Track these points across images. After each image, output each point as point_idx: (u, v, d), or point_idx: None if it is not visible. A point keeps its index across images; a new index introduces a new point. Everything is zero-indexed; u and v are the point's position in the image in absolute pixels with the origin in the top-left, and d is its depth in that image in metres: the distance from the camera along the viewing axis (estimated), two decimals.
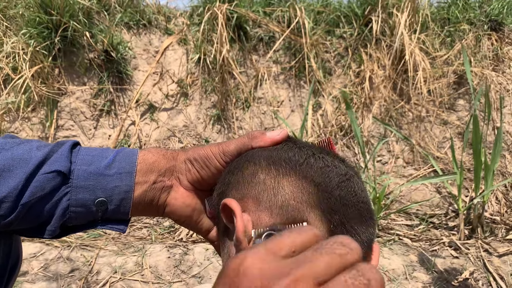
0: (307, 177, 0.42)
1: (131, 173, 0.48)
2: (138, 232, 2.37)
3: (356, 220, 0.42)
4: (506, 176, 2.81)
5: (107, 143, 2.77)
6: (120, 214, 0.49)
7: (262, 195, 0.42)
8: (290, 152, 0.44)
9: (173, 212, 0.52)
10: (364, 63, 3.10)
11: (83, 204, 0.47)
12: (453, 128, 3.04)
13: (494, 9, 3.29)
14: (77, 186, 0.46)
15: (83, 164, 0.47)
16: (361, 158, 2.87)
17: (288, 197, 0.41)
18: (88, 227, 0.49)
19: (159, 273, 2.00)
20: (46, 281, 1.91)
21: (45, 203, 0.45)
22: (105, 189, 0.47)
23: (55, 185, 0.45)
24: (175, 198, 0.51)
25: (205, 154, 0.50)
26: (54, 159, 0.46)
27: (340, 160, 0.46)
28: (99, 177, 0.47)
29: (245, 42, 3.12)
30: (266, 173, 0.43)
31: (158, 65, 2.99)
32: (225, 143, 0.51)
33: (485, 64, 3.13)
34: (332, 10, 3.31)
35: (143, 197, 0.49)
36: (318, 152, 0.45)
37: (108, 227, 0.49)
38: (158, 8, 3.18)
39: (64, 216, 0.46)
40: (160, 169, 0.50)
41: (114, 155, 0.49)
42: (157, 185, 0.50)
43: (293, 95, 3.12)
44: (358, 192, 0.43)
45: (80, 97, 2.81)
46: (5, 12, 2.82)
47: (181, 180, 0.52)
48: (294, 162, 0.43)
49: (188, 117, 2.95)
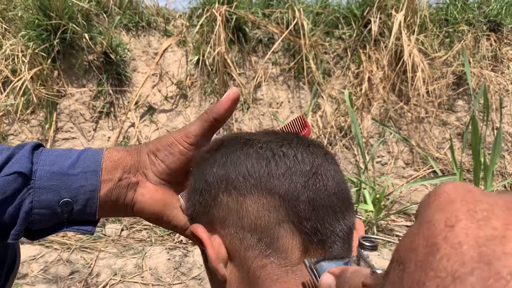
0: (271, 190, 0.39)
1: (97, 171, 0.46)
2: (137, 234, 2.37)
3: (330, 218, 0.40)
4: (505, 177, 2.81)
5: (106, 145, 2.77)
6: (86, 214, 0.47)
7: (228, 219, 0.41)
8: (248, 162, 0.41)
9: (142, 209, 0.49)
10: (363, 64, 3.10)
11: (47, 205, 0.45)
12: (453, 128, 3.04)
13: (493, 9, 3.29)
14: (40, 187, 0.44)
15: (45, 165, 0.45)
16: (360, 159, 2.87)
17: (254, 218, 0.39)
18: (54, 231, 0.47)
19: (159, 275, 2.00)
20: (46, 283, 1.91)
21: (7, 206, 0.43)
22: (69, 189, 0.45)
23: (16, 187, 0.43)
24: (142, 194, 0.49)
25: (167, 142, 0.48)
26: (14, 161, 0.44)
27: (305, 148, 0.42)
28: (63, 177, 0.45)
29: (244, 44, 3.12)
30: (227, 196, 0.41)
31: (157, 66, 3.00)
32: (186, 126, 0.48)
33: (484, 65, 3.13)
34: (331, 11, 3.31)
35: (109, 196, 0.47)
36: (278, 147, 0.42)
37: (74, 229, 0.47)
38: (157, 9, 3.19)
39: (27, 219, 0.44)
40: (125, 165, 0.48)
41: (78, 154, 0.47)
42: (122, 183, 0.48)
43: (292, 96, 3.12)
44: (328, 184, 0.40)
45: (79, 99, 2.81)
46: (4, 14, 2.82)
47: (147, 175, 0.49)
48: (254, 176, 0.40)
49: (188, 118, 2.95)
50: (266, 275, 0.39)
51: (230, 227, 0.40)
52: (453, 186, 0.21)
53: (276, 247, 0.39)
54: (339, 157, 2.91)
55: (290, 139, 0.43)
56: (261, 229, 0.39)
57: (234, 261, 0.41)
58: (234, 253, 0.40)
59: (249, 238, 0.39)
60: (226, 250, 0.41)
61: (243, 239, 0.40)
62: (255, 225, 0.39)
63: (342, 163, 2.85)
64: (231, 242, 0.40)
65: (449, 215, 0.20)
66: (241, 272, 0.40)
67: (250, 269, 0.39)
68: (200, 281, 1.98)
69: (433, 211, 0.21)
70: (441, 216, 0.20)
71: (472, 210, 0.20)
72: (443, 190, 0.21)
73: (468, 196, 0.20)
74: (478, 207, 0.19)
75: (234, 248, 0.40)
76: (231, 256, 0.41)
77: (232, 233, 0.40)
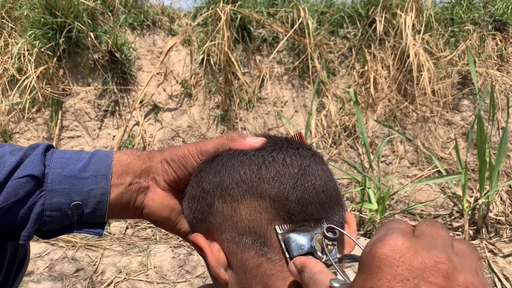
0: (262, 194, 0.42)
1: (107, 175, 0.48)
2: (142, 232, 2.38)
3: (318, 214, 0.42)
4: (511, 177, 2.80)
5: (111, 143, 2.78)
6: (96, 217, 0.48)
7: (223, 225, 0.43)
8: (241, 169, 0.44)
9: (151, 213, 0.51)
10: (368, 64, 3.10)
11: (58, 208, 0.46)
12: (458, 128, 3.03)
13: (499, 9, 3.28)
14: (52, 190, 0.45)
15: (57, 168, 0.46)
16: (365, 159, 2.87)
17: (248, 221, 0.42)
18: (64, 232, 0.48)
19: (164, 273, 2.01)
20: (51, 281, 1.92)
21: (19, 208, 0.44)
22: (80, 192, 0.46)
23: (29, 189, 0.44)
24: (153, 199, 0.50)
25: (182, 154, 0.50)
26: (27, 163, 0.45)
27: (294, 151, 0.45)
28: (74, 180, 0.46)
29: (249, 43, 3.12)
30: (222, 202, 0.43)
31: (162, 65, 3.00)
32: (202, 143, 0.50)
33: (489, 64, 3.12)
34: (335, 10, 3.31)
35: (119, 199, 0.49)
36: (268, 153, 0.44)
37: (84, 231, 0.48)
38: (162, 9, 3.19)
39: (39, 221, 0.45)
40: (136, 170, 0.50)
41: (89, 157, 0.48)
42: (133, 187, 0.49)
43: (297, 95, 3.12)
44: (316, 183, 0.43)
45: (84, 98, 2.82)
46: (10, 13, 2.84)
47: (158, 181, 0.51)
48: (246, 182, 0.43)
49: (192, 117, 2.95)
50: (262, 273, 0.41)
51: (226, 233, 0.43)
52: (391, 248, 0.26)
53: (269, 245, 0.41)
54: (344, 157, 2.91)
55: (280, 144, 0.46)
56: (255, 231, 0.41)
57: (233, 264, 0.43)
58: (232, 257, 0.43)
59: (245, 241, 0.42)
60: (225, 255, 0.43)
61: (239, 242, 0.42)
62: (249, 228, 0.41)
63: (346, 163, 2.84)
64: (229, 246, 0.43)
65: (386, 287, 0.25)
66: (240, 274, 0.42)
67: (248, 270, 0.41)
68: (204, 279, 1.99)
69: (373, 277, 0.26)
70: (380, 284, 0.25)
71: (405, 279, 0.25)
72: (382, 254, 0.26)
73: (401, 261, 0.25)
74: (410, 275, 0.25)
75: (232, 252, 0.42)
76: (229, 260, 0.43)
77: (229, 238, 0.43)
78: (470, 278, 0.25)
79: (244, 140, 0.47)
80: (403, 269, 0.25)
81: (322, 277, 0.33)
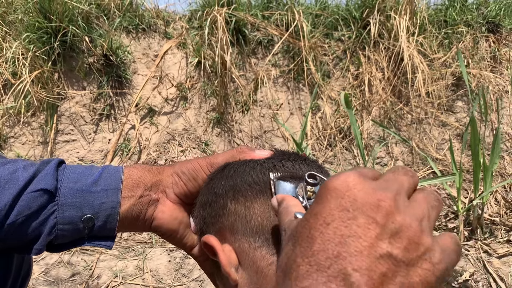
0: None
1: (117, 189, 0.49)
2: (138, 236, 2.38)
3: None
4: (505, 177, 2.82)
5: (107, 147, 2.78)
6: (106, 230, 0.49)
7: (236, 224, 0.44)
8: (253, 173, 0.46)
9: (160, 225, 0.52)
10: (363, 66, 3.11)
11: (70, 221, 0.47)
12: (452, 129, 3.05)
13: (492, 11, 3.31)
14: (64, 204, 0.47)
15: (69, 182, 0.48)
16: (360, 161, 2.88)
17: (261, 219, 0.43)
18: (74, 245, 0.49)
19: (160, 277, 2.00)
20: (47, 285, 1.91)
21: (32, 221, 0.45)
22: (91, 206, 0.48)
23: (41, 203, 0.45)
24: (163, 211, 0.52)
25: (192, 167, 0.51)
26: (40, 177, 0.46)
27: (302, 161, 0.48)
28: (86, 194, 0.48)
29: (244, 46, 3.13)
30: (235, 203, 0.45)
31: (158, 69, 3.00)
32: (212, 156, 0.51)
33: (483, 66, 3.14)
34: (330, 13, 3.32)
35: (130, 212, 0.50)
36: (278, 161, 0.47)
37: (94, 244, 0.49)
38: (157, 12, 3.20)
39: (51, 234, 0.46)
40: (146, 183, 0.51)
41: (100, 172, 0.50)
42: (143, 199, 0.50)
43: (292, 98, 3.13)
44: None
45: (80, 102, 2.82)
46: (4, 17, 2.83)
47: (168, 194, 0.52)
48: (259, 183, 0.45)
49: (188, 120, 2.96)
50: (273, 272, 0.41)
51: (238, 232, 0.44)
52: (340, 183, 0.28)
53: None
54: (339, 159, 2.92)
55: (288, 155, 0.49)
56: (268, 229, 0.42)
57: (244, 264, 0.43)
58: (244, 257, 0.43)
59: (257, 240, 0.42)
60: (236, 256, 0.44)
61: (251, 241, 0.43)
62: (262, 226, 0.42)
63: (341, 164, 2.85)
64: (240, 246, 0.43)
65: (328, 213, 0.27)
66: (251, 273, 0.42)
67: (259, 269, 0.42)
68: (200, 282, 1.99)
69: (320, 205, 0.28)
70: (324, 211, 0.28)
71: (346, 210, 0.27)
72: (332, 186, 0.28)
73: (347, 195, 0.27)
74: (352, 207, 0.27)
75: (243, 251, 0.43)
76: (241, 260, 0.43)
77: (241, 238, 0.43)
78: (408, 221, 0.27)
79: (253, 152, 0.50)
80: (346, 201, 0.27)
81: (293, 210, 0.36)
